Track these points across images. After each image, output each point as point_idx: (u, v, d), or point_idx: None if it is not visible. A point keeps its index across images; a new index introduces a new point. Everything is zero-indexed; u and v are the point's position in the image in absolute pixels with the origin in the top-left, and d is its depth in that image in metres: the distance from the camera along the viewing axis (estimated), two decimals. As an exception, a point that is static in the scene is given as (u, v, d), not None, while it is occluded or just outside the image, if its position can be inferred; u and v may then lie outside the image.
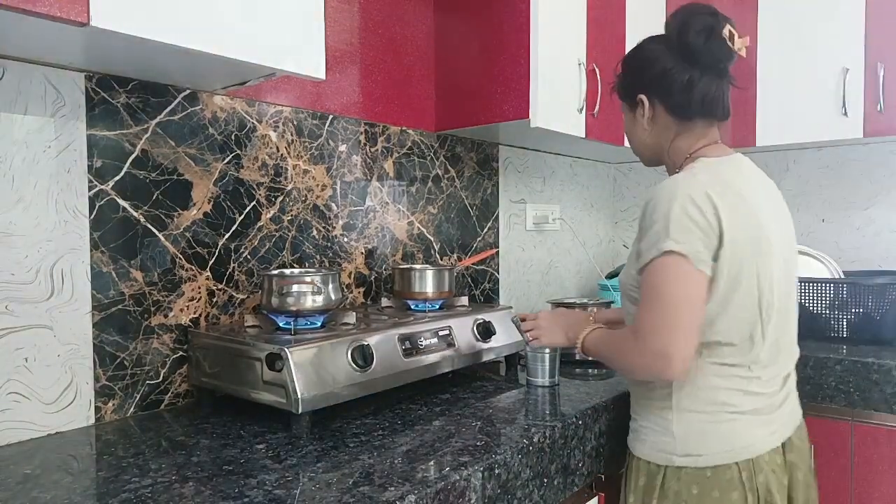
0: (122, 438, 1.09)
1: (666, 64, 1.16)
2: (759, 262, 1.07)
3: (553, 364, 1.42)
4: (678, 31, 1.14)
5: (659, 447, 1.13)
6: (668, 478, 1.11)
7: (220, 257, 1.36)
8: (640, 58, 1.21)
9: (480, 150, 2.09)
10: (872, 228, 2.32)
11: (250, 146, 1.42)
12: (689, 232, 1.03)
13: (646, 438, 1.16)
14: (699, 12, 1.14)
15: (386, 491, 0.84)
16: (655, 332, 1.03)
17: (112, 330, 1.19)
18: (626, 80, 1.25)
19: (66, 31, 0.87)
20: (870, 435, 1.67)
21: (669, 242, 1.03)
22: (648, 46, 1.20)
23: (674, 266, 1.03)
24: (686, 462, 1.10)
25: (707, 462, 1.09)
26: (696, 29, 1.12)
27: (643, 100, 1.20)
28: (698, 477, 1.09)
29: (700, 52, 1.13)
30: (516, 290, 2.26)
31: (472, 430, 1.10)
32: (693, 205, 1.04)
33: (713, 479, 1.08)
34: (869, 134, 2.03)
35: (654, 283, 1.05)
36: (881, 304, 1.84)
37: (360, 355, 1.17)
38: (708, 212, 1.04)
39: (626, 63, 1.25)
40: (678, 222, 1.03)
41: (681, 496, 1.09)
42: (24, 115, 1.08)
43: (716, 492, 1.07)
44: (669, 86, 1.16)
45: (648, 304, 1.05)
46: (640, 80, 1.21)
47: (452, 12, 1.87)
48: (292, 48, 1.10)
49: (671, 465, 1.11)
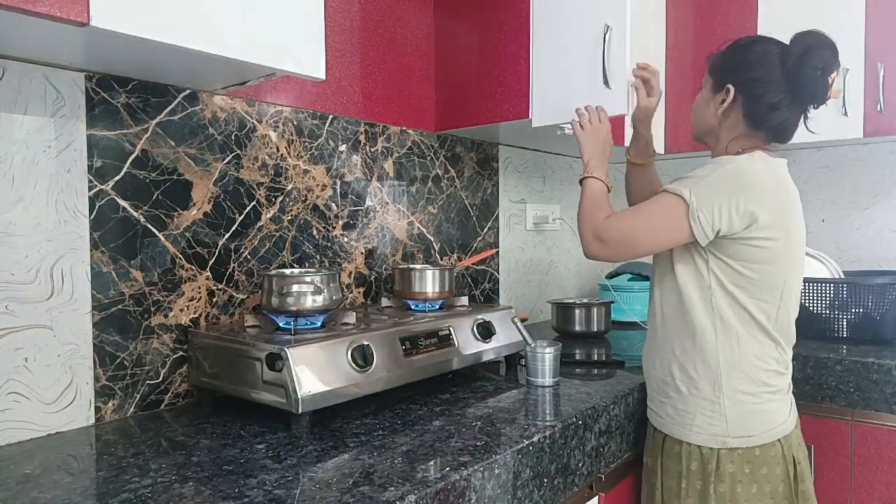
0: (122, 438, 1.09)
1: (768, 76, 1.19)
2: (792, 249, 1.21)
3: (553, 364, 1.42)
4: (799, 55, 1.17)
5: (711, 431, 1.21)
6: (723, 460, 1.19)
7: (220, 257, 1.36)
8: (752, 54, 1.22)
9: (480, 150, 2.09)
10: (872, 228, 2.32)
11: (250, 146, 1.42)
12: (714, 200, 1.15)
13: (692, 423, 1.22)
14: (825, 47, 1.18)
15: (386, 491, 0.84)
16: (617, 226, 1.24)
17: (112, 330, 1.19)
18: (725, 63, 1.27)
19: (66, 31, 0.87)
20: (870, 435, 1.66)
21: (686, 192, 1.16)
22: (766, 48, 1.22)
23: (673, 206, 1.18)
24: (739, 443, 1.19)
25: (756, 442, 1.19)
26: (814, 63, 1.16)
27: (730, 90, 1.24)
28: (749, 456, 1.19)
29: (805, 85, 1.18)
30: (516, 290, 2.26)
31: (472, 430, 1.10)
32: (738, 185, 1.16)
33: (761, 457, 1.19)
34: (869, 134, 2.03)
35: (651, 202, 1.23)
36: (881, 304, 1.84)
37: (360, 355, 1.17)
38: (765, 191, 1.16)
39: (736, 50, 1.26)
40: (713, 188, 1.16)
41: (735, 477, 1.19)
42: (24, 114, 1.08)
43: (764, 468, 1.19)
44: (759, 97, 1.21)
45: (635, 210, 1.26)
46: (738, 73, 1.23)
47: (452, 12, 1.87)
48: (292, 48, 1.10)
49: (725, 448, 1.19)
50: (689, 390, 1.24)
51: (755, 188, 1.16)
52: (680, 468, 1.23)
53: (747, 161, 1.20)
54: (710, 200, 1.15)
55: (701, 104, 1.32)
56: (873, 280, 1.89)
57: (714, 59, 1.30)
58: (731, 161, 1.20)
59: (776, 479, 1.19)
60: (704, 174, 1.19)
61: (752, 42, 1.25)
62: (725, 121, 1.27)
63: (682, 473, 1.23)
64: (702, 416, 1.21)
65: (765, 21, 2.22)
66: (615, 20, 1.50)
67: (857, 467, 1.68)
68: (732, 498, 1.18)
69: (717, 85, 1.27)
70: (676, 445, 1.25)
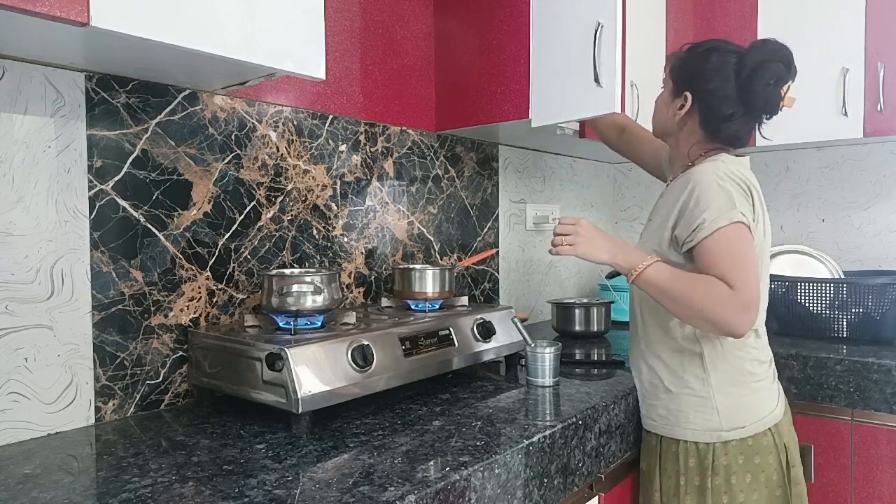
0: (121, 438, 1.09)
1: (722, 89, 1.21)
2: (764, 239, 1.23)
3: (553, 364, 1.42)
4: (752, 68, 1.18)
5: (705, 426, 1.22)
6: (717, 454, 1.21)
7: (221, 257, 1.36)
8: (709, 64, 1.23)
9: (480, 150, 2.09)
10: (872, 228, 2.32)
11: (250, 146, 1.41)
12: (748, 207, 1.16)
13: (687, 421, 1.24)
14: (778, 59, 1.19)
15: (386, 491, 0.84)
16: (748, 286, 1.11)
17: (112, 330, 1.19)
18: (684, 68, 1.27)
19: (66, 31, 0.88)
20: (870, 435, 1.66)
21: (737, 213, 1.14)
22: (723, 59, 1.22)
23: (744, 233, 1.14)
24: (732, 436, 1.21)
25: (748, 432, 1.21)
26: (766, 78, 1.18)
27: (687, 98, 1.25)
28: (742, 447, 1.21)
29: (757, 97, 1.20)
30: (516, 290, 2.26)
31: (472, 430, 1.10)
32: (745, 185, 1.18)
33: (754, 447, 1.20)
34: (869, 134, 2.03)
35: (732, 246, 1.13)
36: (881, 303, 1.84)
37: (360, 355, 1.17)
38: (751, 191, 1.18)
39: (696, 56, 1.26)
40: (741, 197, 1.16)
41: (730, 469, 1.20)
42: (24, 114, 1.08)
43: (757, 458, 1.21)
44: (713, 108, 1.23)
45: (733, 263, 1.12)
46: (695, 82, 1.24)
47: (452, 12, 1.87)
48: (292, 48, 1.10)
49: (719, 442, 1.21)
50: (679, 389, 1.25)
51: (738, 187, 1.18)
52: (677, 467, 1.24)
53: (722, 164, 1.21)
54: (745, 206, 1.16)
55: (661, 105, 1.34)
56: (873, 280, 1.89)
57: (675, 59, 1.31)
58: (713, 166, 1.20)
59: (769, 468, 1.21)
60: (710, 192, 1.16)
61: (710, 49, 1.24)
62: (683, 127, 1.29)
63: (680, 471, 1.24)
64: (695, 412, 1.23)
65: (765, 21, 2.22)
66: (606, 17, 1.50)
67: (858, 467, 1.68)
68: (728, 489, 1.20)
69: (675, 89, 1.29)
70: (673, 445, 1.26)
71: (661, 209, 1.29)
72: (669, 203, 1.23)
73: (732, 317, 1.10)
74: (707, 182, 1.17)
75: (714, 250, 1.13)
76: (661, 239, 1.24)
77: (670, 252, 1.23)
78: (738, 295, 1.10)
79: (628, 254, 1.20)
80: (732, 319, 1.11)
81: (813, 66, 2.14)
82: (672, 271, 1.17)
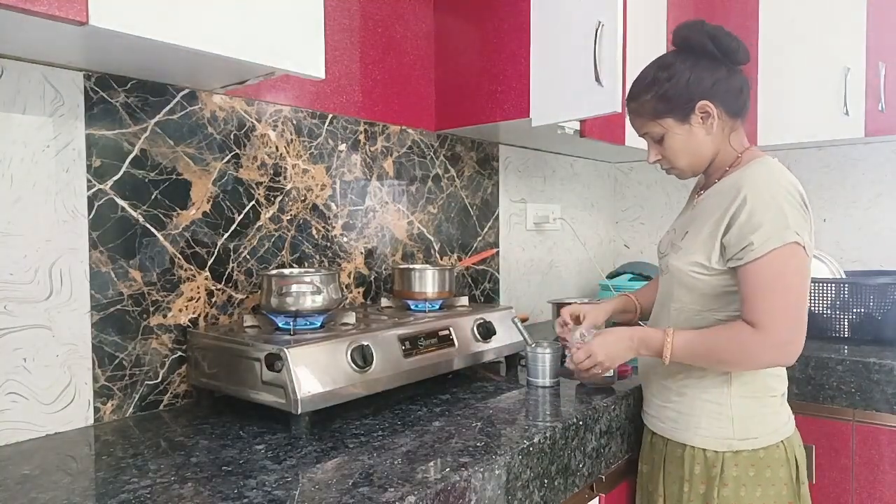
0: (120, 439, 1.09)
1: (717, 73, 1.19)
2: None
3: (553, 364, 1.41)
4: (711, 39, 1.18)
5: (716, 434, 1.19)
6: (727, 463, 1.18)
7: (220, 257, 1.36)
8: (687, 71, 1.19)
9: (480, 150, 2.08)
10: (874, 228, 2.32)
11: (249, 145, 1.41)
12: (804, 222, 1.10)
13: (697, 426, 1.21)
14: (708, 24, 1.19)
15: (386, 492, 0.84)
16: (784, 322, 1.07)
17: (111, 330, 1.19)
18: (673, 97, 1.19)
19: (64, 31, 0.87)
20: (871, 435, 1.66)
21: (791, 233, 1.07)
22: (680, 61, 1.20)
23: (798, 256, 1.08)
24: (744, 446, 1.18)
25: (760, 444, 1.18)
26: (723, 34, 1.18)
27: (708, 106, 1.18)
28: (753, 458, 1.18)
29: (738, 52, 1.19)
30: (516, 290, 2.26)
31: (473, 431, 1.10)
32: (799, 195, 1.12)
33: (765, 459, 1.17)
34: (870, 133, 2.03)
35: (778, 273, 1.07)
36: (883, 303, 1.84)
37: (360, 355, 1.17)
38: (806, 204, 1.12)
39: (668, 82, 1.19)
40: (795, 212, 1.09)
41: (740, 480, 1.17)
42: (23, 114, 1.08)
43: (768, 471, 1.18)
44: (727, 90, 1.20)
45: (772, 294, 1.08)
46: (697, 90, 1.18)
47: (452, 12, 1.86)
48: (292, 47, 1.09)
49: (730, 451, 1.18)
50: (695, 393, 1.21)
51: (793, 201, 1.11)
52: (682, 472, 1.21)
53: (775, 172, 1.15)
54: (800, 223, 1.09)
55: (684, 144, 1.21)
56: (875, 280, 1.88)
57: (652, 106, 1.21)
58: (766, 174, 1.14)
59: (780, 482, 1.17)
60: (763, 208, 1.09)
61: (670, 64, 1.20)
62: (717, 133, 1.21)
63: (685, 478, 1.21)
64: (707, 418, 1.20)
65: (765, 21, 2.22)
66: (607, 16, 1.49)
67: (859, 467, 1.68)
68: (736, 502, 1.16)
69: (682, 116, 1.20)
70: (679, 449, 1.23)
71: (706, 216, 1.19)
72: (717, 211, 1.16)
73: (767, 358, 1.11)
74: (759, 195, 1.10)
75: (755, 277, 1.08)
76: (710, 251, 1.16)
77: (718, 262, 1.15)
78: (766, 337, 1.07)
79: (645, 340, 1.19)
80: (767, 359, 1.12)
81: (814, 66, 2.14)
82: (694, 338, 1.14)
